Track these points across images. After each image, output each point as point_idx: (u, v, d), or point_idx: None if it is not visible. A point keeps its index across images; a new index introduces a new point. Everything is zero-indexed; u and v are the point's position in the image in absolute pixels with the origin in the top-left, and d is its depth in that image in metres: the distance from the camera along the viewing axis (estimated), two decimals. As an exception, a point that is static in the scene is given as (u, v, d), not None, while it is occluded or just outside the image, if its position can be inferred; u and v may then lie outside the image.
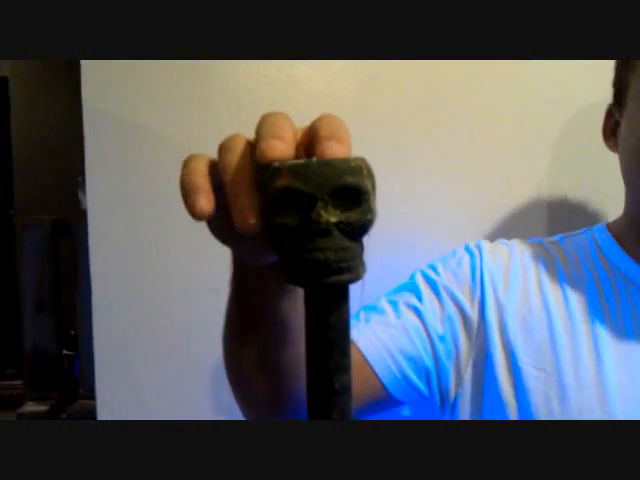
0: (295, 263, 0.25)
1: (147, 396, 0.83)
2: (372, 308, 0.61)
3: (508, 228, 0.83)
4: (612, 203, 0.66)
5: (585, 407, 0.55)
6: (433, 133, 0.83)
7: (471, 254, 0.63)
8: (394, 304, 0.60)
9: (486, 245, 0.65)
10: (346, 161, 0.25)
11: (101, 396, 0.83)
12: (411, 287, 0.62)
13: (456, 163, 0.83)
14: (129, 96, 0.81)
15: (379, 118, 0.82)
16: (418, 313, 0.59)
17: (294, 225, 0.25)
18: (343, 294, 0.26)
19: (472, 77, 0.83)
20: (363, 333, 0.58)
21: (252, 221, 0.28)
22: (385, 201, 0.79)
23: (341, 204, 0.25)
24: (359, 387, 0.56)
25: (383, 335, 0.58)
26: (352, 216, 0.25)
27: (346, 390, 0.26)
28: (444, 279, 0.62)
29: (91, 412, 0.86)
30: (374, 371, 0.57)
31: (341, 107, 0.82)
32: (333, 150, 0.26)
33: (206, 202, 0.30)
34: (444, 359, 0.59)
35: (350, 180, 0.25)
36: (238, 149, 0.31)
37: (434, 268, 0.63)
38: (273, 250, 0.27)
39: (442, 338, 0.59)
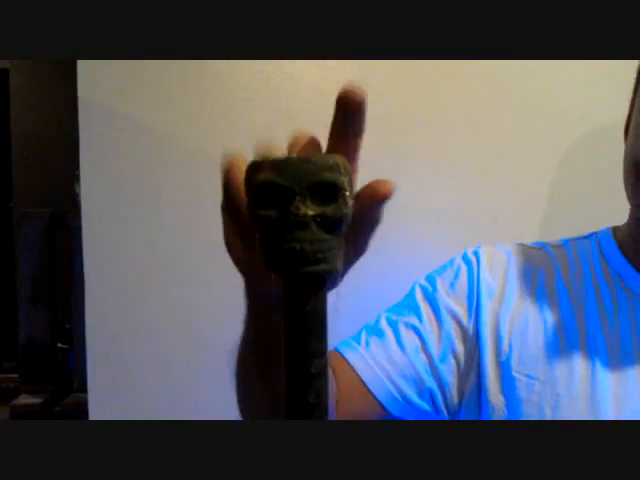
0: (275, 253, 0.27)
1: (138, 390, 0.84)
2: (372, 329, 0.62)
3: (513, 231, 0.83)
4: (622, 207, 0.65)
5: (578, 418, 0.55)
6: (429, 132, 0.84)
7: (468, 264, 0.63)
8: (394, 325, 0.61)
9: (484, 253, 0.64)
10: (324, 158, 0.27)
11: (93, 390, 0.84)
12: (411, 304, 0.63)
13: (452, 162, 0.84)
14: (125, 93, 0.82)
15: (374, 116, 0.83)
16: (418, 333, 0.60)
17: (275, 217, 0.27)
18: (319, 283, 0.27)
19: (472, 77, 0.83)
20: (363, 359, 0.58)
21: None
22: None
23: (319, 199, 0.26)
24: (363, 411, 0.57)
25: (383, 360, 0.58)
26: (329, 210, 0.27)
27: (321, 373, 0.28)
28: (442, 294, 0.62)
29: (84, 405, 0.86)
30: (375, 397, 0.57)
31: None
32: None
33: None
34: (446, 377, 0.59)
35: (327, 176, 0.26)
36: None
37: (432, 281, 0.63)
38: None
39: (443, 357, 0.59)
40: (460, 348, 0.60)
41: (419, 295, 0.63)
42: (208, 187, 0.81)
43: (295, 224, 0.26)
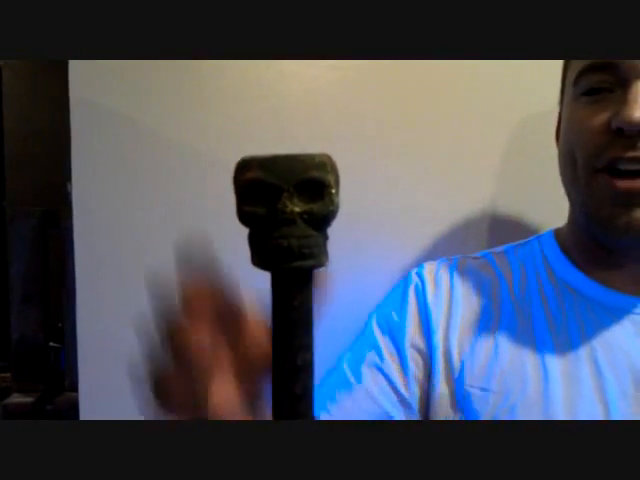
0: (262, 249, 0.28)
1: (130, 390, 0.84)
2: (340, 382, 0.62)
3: (459, 237, 0.84)
4: (561, 211, 0.65)
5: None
6: (416, 131, 0.84)
7: (416, 287, 0.64)
8: (357, 371, 0.61)
9: (427, 273, 0.65)
10: (311, 156, 0.28)
11: (83, 389, 0.84)
12: (370, 341, 0.63)
13: (431, 160, 0.85)
14: (117, 91, 0.82)
15: (366, 115, 0.84)
16: (381, 371, 0.61)
17: (262, 214, 0.28)
18: (306, 279, 0.28)
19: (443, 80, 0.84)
20: (333, 415, 0.59)
21: None
22: (351, 197, 0.81)
23: (306, 196, 0.27)
24: None
25: (354, 414, 0.59)
26: (315, 207, 0.27)
27: (308, 367, 0.28)
28: (396, 324, 0.62)
29: (76, 404, 0.86)
30: None
31: (329, 103, 0.83)
32: None
33: None
34: (413, 403, 0.60)
35: (314, 174, 0.27)
36: None
37: (385, 312, 0.64)
38: None
39: (408, 386, 0.60)
40: (420, 374, 0.60)
41: (377, 330, 0.63)
42: (201, 187, 0.82)
43: (282, 221, 0.27)
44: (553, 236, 0.65)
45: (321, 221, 0.28)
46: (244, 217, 0.28)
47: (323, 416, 0.60)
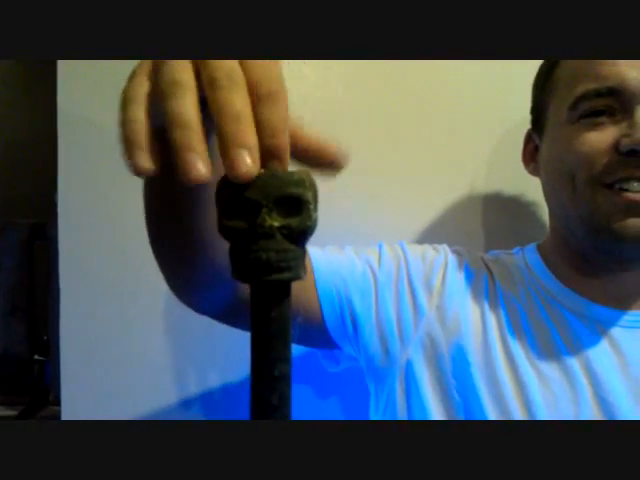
0: (242, 262, 0.29)
1: (113, 403, 0.83)
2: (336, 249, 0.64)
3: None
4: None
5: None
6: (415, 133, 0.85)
7: (438, 253, 0.66)
8: (356, 252, 0.64)
9: (449, 251, 0.67)
10: (290, 174, 0.29)
11: (66, 402, 0.83)
12: (375, 249, 0.65)
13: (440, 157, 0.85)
14: (104, 101, 0.82)
15: (365, 118, 0.84)
16: (374, 273, 0.62)
17: (243, 228, 0.28)
18: (284, 291, 0.29)
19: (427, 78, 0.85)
20: (324, 256, 0.61)
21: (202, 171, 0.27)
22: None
23: (284, 211, 0.28)
24: (302, 300, 0.58)
25: (338, 260, 0.62)
26: (293, 222, 0.28)
27: (285, 377, 0.29)
28: (408, 252, 0.65)
29: (59, 418, 0.86)
30: (318, 295, 0.60)
31: (328, 106, 0.84)
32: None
33: (147, 159, 0.29)
34: (387, 313, 0.62)
35: (293, 190, 0.28)
36: (184, 96, 0.30)
37: (402, 244, 0.67)
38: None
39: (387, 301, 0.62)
40: (410, 306, 0.62)
41: (387, 247, 0.65)
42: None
43: (261, 235, 0.28)
44: (535, 249, 0.68)
45: (299, 236, 0.29)
46: (225, 231, 0.29)
47: (313, 249, 0.61)
